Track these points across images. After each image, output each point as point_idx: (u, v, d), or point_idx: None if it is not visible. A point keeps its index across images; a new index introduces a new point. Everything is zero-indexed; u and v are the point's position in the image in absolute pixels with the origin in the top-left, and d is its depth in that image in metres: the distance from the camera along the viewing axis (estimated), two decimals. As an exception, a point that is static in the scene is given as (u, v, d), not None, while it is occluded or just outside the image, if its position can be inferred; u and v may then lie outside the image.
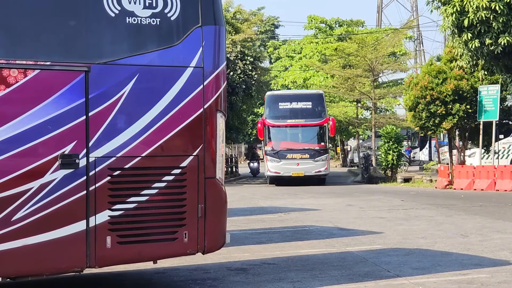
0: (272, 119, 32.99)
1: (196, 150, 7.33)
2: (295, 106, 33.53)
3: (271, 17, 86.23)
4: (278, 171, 32.19)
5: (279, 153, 32.23)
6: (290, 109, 33.48)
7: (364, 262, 9.96)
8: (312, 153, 32.29)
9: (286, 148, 32.44)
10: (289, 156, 32.02)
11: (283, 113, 33.32)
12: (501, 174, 25.83)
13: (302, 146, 32.70)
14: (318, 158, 32.23)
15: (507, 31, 23.20)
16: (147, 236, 7.19)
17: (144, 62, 7.15)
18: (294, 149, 32.46)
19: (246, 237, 12.85)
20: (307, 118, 33.07)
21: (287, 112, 33.39)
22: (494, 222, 14.77)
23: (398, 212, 17.49)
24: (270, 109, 33.59)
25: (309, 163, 32.04)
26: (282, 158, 32.13)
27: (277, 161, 32.10)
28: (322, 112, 33.42)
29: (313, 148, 32.58)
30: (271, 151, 32.44)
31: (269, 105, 33.77)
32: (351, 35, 53.20)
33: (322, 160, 32.33)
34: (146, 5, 7.13)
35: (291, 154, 32.12)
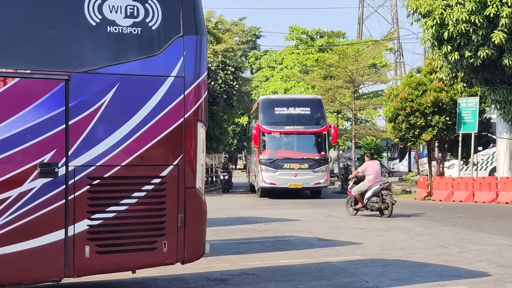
0: (268, 125, 30.13)
1: (176, 159, 7.32)
2: (292, 111, 30.85)
3: (253, 28, 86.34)
4: (274, 182, 29.37)
5: (276, 162, 29.50)
6: (287, 114, 30.78)
7: (343, 272, 9.98)
8: (311, 163, 29.62)
9: (283, 157, 29.69)
10: (286, 166, 29.35)
11: (279, 119, 30.63)
12: (479, 186, 25.98)
13: (301, 155, 29.96)
14: (317, 168, 29.53)
15: (486, 44, 23.40)
16: (126, 246, 7.16)
17: (125, 71, 7.13)
18: (292, 159, 29.70)
19: (225, 247, 12.82)
20: (306, 125, 30.38)
21: (284, 118, 30.70)
22: (473, 233, 14.84)
23: (377, 223, 17.54)
24: (265, 115, 30.79)
25: (308, 174, 29.43)
26: (278, 168, 29.41)
27: (273, 171, 29.39)
28: (322, 119, 30.91)
29: (313, 157, 29.81)
30: (266, 160, 29.68)
31: (263, 110, 30.93)
32: (332, 46, 53.40)
33: (322, 171, 29.66)
34: (128, 14, 7.13)
35: (289, 164, 29.44)
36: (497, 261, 10.79)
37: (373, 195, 19.30)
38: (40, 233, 6.72)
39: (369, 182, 19.48)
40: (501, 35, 22.85)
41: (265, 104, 31.30)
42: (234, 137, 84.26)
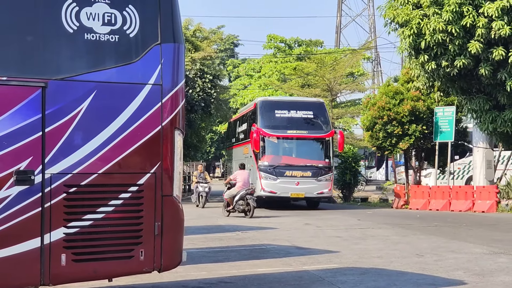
0: (269, 129, 27.95)
1: (153, 167, 7.29)
2: (294, 115, 28.79)
3: (231, 36, 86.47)
4: (274, 190, 27.27)
5: (277, 169, 27.40)
6: (288, 118, 28.72)
7: (321, 281, 9.99)
8: (314, 171, 27.53)
9: (285, 164, 27.59)
10: (288, 174, 27.25)
11: (279, 123, 28.55)
12: (456, 194, 26.14)
13: (304, 162, 27.88)
14: (321, 177, 27.49)
15: (462, 53, 23.60)
16: (103, 254, 7.12)
17: (102, 78, 7.11)
18: (294, 166, 27.58)
19: (203, 255, 12.80)
20: (309, 130, 28.44)
21: (285, 121, 28.66)
22: (449, 242, 14.92)
23: (354, 231, 17.58)
24: (264, 118, 28.54)
25: (311, 182, 27.31)
26: (279, 175, 27.31)
27: (273, 178, 27.30)
28: (326, 124, 28.96)
29: (316, 165, 27.75)
30: (266, 166, 27.52)
31: (262, 113, 28.69)
32: (310, 55, 53.60)
33: (325, 180, 27.62)
34: (105, 21, 7.11)
35: (291, 171, 27.36)
36: (473, 269, 10.85)
37: (240, 199, 23.14)
38: (15, 241, 6.67)
39: (238, 188, 23.37)
40: (477, 45, 23.04)
41: (264, 105, 29.20)
42: (212, 145, 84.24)
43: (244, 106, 42.23)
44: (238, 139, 34.40)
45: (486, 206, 24.69)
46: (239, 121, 34.85)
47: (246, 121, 31.58)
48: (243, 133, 32.55)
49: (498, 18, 22.67)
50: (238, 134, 34.49)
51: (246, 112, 32.70)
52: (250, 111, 31.01)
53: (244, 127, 32.06)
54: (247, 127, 30.98)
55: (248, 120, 30.96)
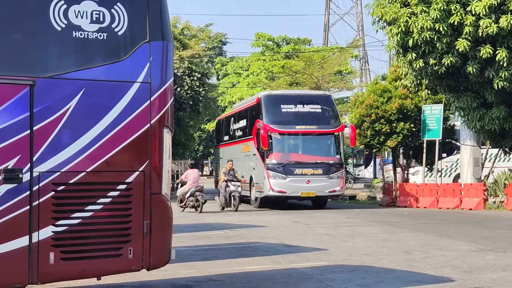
0: (276, 125, 26.34)
1: (142, 165, 7.29)
2: (301, 109, 27.19)
3: (219, 34, 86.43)
4: (283, 190, 25.75)
5: (286, 167, 25.87)
6: (296, 112, 27.15)
7: (309, 278, 10.00)
8: (326, 168, 25.98)
9: (295, 162, 26.11)
10: (298, 172, 25.67)
11: (286, 118, 26.97)
12: (443, 192, 26.23)
13: (314, 159, 26.37)
14: (333, 174, 26.03)
15: (450, 51, 23.65)
16: (91, 252, 7.11)
17: (91, 76, 7.09)
18: (304, 163, 26.05)
19: (191, 253, 12.79)
20: (319, 124, 26.89)
21: (292, 116, 27.07)
22: (437, 239, 14.97)
23: (343, 229, 17.61)
24: (270, 113, 26.84)
25: (322, 180, 25.89)
26: (289, 174, 25.79)
27: (283, 177, 25.75)
28: (335, 118, 27.46)
29: (327, 162, 26.28)
30: (275, 164, 25.94)
31: (268, 108, 26.96)
32: (298, 53, 53.65)
33: (337, 177, 26.21)
34: (93, 19, 7.10)
35: (301, 169, 25.83)
36: (461, 266, 10.90)
37: (190, 196, 25.06)
38: (3, 239, 6.65)
39: (189, 185, 25.30)
40: (465, 43, 23.11)
41: (269, 100, 27.42)
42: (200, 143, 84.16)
43: (239, 102, 40.38)
44: (233, 136, 32.59)
45: (473, 204, 24.79)
46: (234, 118, 32.95)
47: (246, 117, 29.99)
48: (240, 130, 30.89)
49: (486, 16, 22.74)
50: (233, 131, 32.60)
51: (244, 108, 31.08)
52: (250, 107, 29.34)
53: (242, 123, 30.55)
54: (246, 123, 29.52)
55: (249, 116, 29.37)
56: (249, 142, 28.26)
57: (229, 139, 33.35)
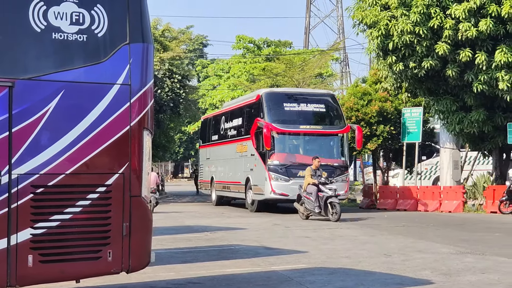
0: (279, 124, 24.96)
1: (121, 168, 7.25)
2: (305, 108, 25.92)
3: (200, 36, 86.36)
4: (286, 192, 24.42)
5: (289, 169, 24.64)
6: (299, 111, 25.82)
7: (289, 281, 10.01)
8: (330, 170, 24.39)
9: (298, 163, 24.65)
10: (301, 174, 23.81)
11: (290, 117, 25.64)
12: (423, 194, 26.36)
13: None
14: (337, 177, 24.63)
15: (430, 55, 23.80)
16: (70, 255, 7.07)
17: (70, 78, 7.05)
18: (308, 165, 23.70)
19: (171, 256, 12.76)
20: (324, 125, 25.78)
21: (295, 115, 25.76)
22: (416, 242, 15.03)
23: (323, 231, 17.64)
24: (272, 112, 25.45)
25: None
26: (292, 176, 24.46)
27: (285, 179, 24.53)
28: (340, 118, 26.21)
29: (332, 164, 24.96)
30: (277, 166, 24.69)
31: (269, 106, 25.56)
32: (279, 55, 53.71)
33: (342, 181, 24.88)
34: (73, 21, 7.06)
35: (304, 172, 23.68)
36: (440, 269, 10.94)
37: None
38: (-19, 242, 6.60)
39: None
40: (444, 47, 23.26)
41: (271, 98, 26.03)
42: (181, 145, 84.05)
43: (231, 101, 38.50)
44: (224, 136, 30.99)
45: (453, 206, 24.92)
46: (225, 117, 31.26)
47: (241, 115, 28.51)
48: (234, 129, 29.34)
49: (465, 20, 22.90)
50: (224, 130, 30.97)
51: (239, 106, 29.50)
52: (248, 104, 27.92)
53: (237, 122, 29.07)
54: (243, 122, 28.15)
55: (246, 114, 27.96)
56: (246, 142, 27.02)
57: (218, 139, 31.93)
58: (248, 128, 26.65)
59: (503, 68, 22.79)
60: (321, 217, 21.37)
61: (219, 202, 31.52)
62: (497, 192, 24.20)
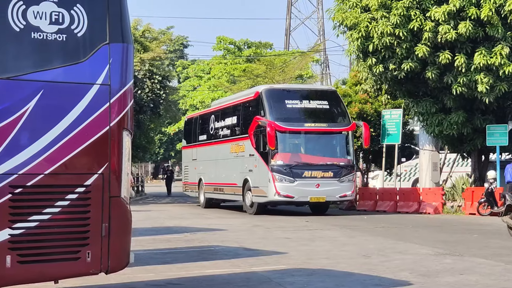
0: (282, 122, 23.79)
1: (101, 168, 7.22)
2: (308, 105, 24.93)
3: (180, 37, 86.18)
4: (291, 194, 23.49)
5: (294, 169, 23.60)
6: (302, 109, 24.88)
7: (269, 282, 10.01)
8: (336, 170, 23.87)
9: (304, 163, 23.89)
10: (307, 174, 23.48)
11: (293, 115, 24.61)
12: (402, 196, 26.47)
13: (324, 160, 24.22)
14: (344, 177, 23.99)
15: (410, 57, 23.92)
16: (49, 256, 7.03)
17: (49, 78, 7.01)
18: (314, 165, 23.82)
19: (151, 257, 12.73)
20: (329, 122, 24.64)
21: (299, 113, 24.82)
22: (396, 243, 15.09)
23: (303, 232, 17.67)
24: (274, 109, 24.25)
25: (332, 184, 23.80)
26: (297, 176, 23.53)
27: (290, 180, 23.47)
28: (344, 115, 25.17)
29: (338, 163, 24.13)
30: (281, 166, 23.62)
31: (270, 104, 24.34)
32: (260, 56, 53.79)
33: (348, 181, 24.17)
34: (52, 20, 7.02)
35: (310, 172, 23.66)
36: (419, 270, 10.99)
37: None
38: (-41, 243, 6.55)
39: None
40: (424, 49, 23.39)
41: (272, 95, 24.84)
42: (161, 146, 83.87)
43: (223, 98, 36.61)
44: (214, 135, 29.65)
45: (432, 208, 25.04)
46: (216, 116, 29.83)
47: (237, 114, 27.29)
48: (228, 128, 28.07)
49: (445, 22, 23.04)
50: (215, 130, 29.59)
51: (233, 104, 28.22)
52: (244, 102, 26.75)
53: (231, 121, 27.82)
54: (238, 121, 26.99)
55: (242, 113, 26.77)
56: (243, 142, 25.83)
57: (208, 139, 30.56)
58: (245, 127, 25.52)
59: (482, 70, 22.94)
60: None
61: (208, 205, 30.11)
62: (475, 194, 24.34)
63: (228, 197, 28.34)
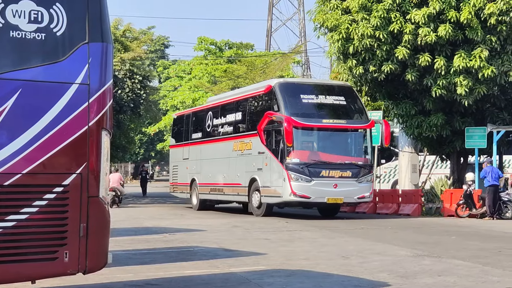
0: (298, 118, 22.29)
1: (79, 168, 7.19)
2: (324, 100, 23.49)
3: (161, 37, 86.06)
4: (307, 194, 22.06)
5: (311, 168, 22.25)
6: (319, 104, 23.50)
7: (247, 283, 10.01)
8: (355, 170, 22.71)
9: (321, 161, 22.60)
10: (324, 174, 22.21)
11: (309, 110, 23.28)
12: (382, 198, 26.57)
13: (342, 159, 22.96)
14: (362, 177, 22.81)
15: (390, 59, 24.03)
16: (26, 255, 6.98)
17: (28, 77, 6.97)
18: (332, 164, 22.53)
19: (129, 257, 12.68)
20: (347, 119, 23.42)
21: (316, 108, 23.51)
22: (375, 244, 15.14)
23: (282, 233, 17.68)
24: (289, 104, 22.71)
25: (351, 184, 22.59)
26: (314, 176, 22.14)
27: (307, 179, 22.07)
28: (362, 112, 23.89)
29: (356, 163, 22.96)
30: (297, 164, 22.21)
31: (285, 98, 22.78)
32: (241, 57, 53.80)
33: (366, 181, 22.98)
34: (31, 19, 6.98)
35: (327, 171, 22.31)
36: (398, 271, 11.03)
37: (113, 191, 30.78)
38: None
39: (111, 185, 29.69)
40: (404, 51, 23.50)
41: (286, 89, 23.38)
42: (141, 146, 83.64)
43: (222, 94, 34.55)
44: (212, 133, 28.19)
45: (411, 210, 25.15)
46: (214, 112, 28.22)
47: (242, 110, 25.74)
48: (229, 125, 26.54)
49: (425, 25, 23.17)
50: (213, 127, 28.11)
51: (237, 99, 26.52)
52: (253, 97, 25.25)
53: (235, 117, 26.19)
54: (244, 117, 25.44)
55: (249, 108, 25.33)
56: (250, 139, 24.36)
57: (203, 137, 28.96)
58: (253, 123, 24.22)
59: (461, 73, 23.09)
60: None
61: (202, 207, 28.53)
62: (454, 195, 24.48)
63: (229, 198, 27.03)
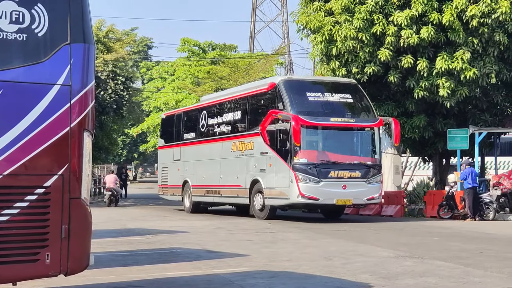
0: (306, 116, 21.57)
1: (61, 169, 7.15)
2: (330, 98, 22.56)
3: (144, 38, 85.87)
4: (316, 196, 21.37)
5: (319, 168, 21.51)
6: (325, 102, 22.49)
7: (230, 284, 10.01)
8: (364, 170, 22.03)
9: (330, 162, 21.88)
10: (333, 174, 21.51)
11: (316, 108, 22.35)
12: (365, 199, 26.58)
13: (350, 159, 22.31)
14: (371, 178, 22.15)
15: (372, 61, 24.11)
16: (7, 257, 6.94)
17: (9, 78, 6.94)
18: (340, 164, 21.86)
19: (111, 259, 12.64)
20: (355, 117, 22.69)
21: (322, 106, 22.50)
22: (357, 245, 15.17)
23: (265, 235, 17.68)
24: (295, 102, 21.94)
25: (360, 185, 21.91)
26: (323, 176, 21.39)
27: (315, 180, 21.33)
28: (369, 110, 23.02)
29: (365, 163, 22.31)
30: (305, 165, 21.45)
31: (291, 96, 22.02)
32: (224, 59, 53.78)
33: (375, 182, 22.30)
34: (13, 20, 6.95)
35: (336, 171, 21.61)
36: (380, 272, 11.06)
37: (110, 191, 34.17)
38: None
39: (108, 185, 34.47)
40: (387, 53, 23.59)
41: (291, 86, 22.58)
42: (124, 147, 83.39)
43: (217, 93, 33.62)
44: (207, 133, 27.28)
45: (393, 211, 25.23)
46: (209, 111, 27.31)
47: (242, 108, 24.89)
48: (227, 124, 25.68)
49: (407, 27, 23.28)
50: (207, 127, 27.18)
51: (236, 97, 25.66)
52: (254, 95, 24.35)
53: (233, 116, 25.39)
54: (244, 116, 24.61)
55: (249, 106, 24.40)
56: (252, 138, 23.55)
57: (197, 137, 28.11)
58: (254, 123, 23.43)
59: (443, 75, 23.21)
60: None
61: (195, 209, 27.63)
62: (436, 197, 24.59)
63: (227, 201, 26.38)
